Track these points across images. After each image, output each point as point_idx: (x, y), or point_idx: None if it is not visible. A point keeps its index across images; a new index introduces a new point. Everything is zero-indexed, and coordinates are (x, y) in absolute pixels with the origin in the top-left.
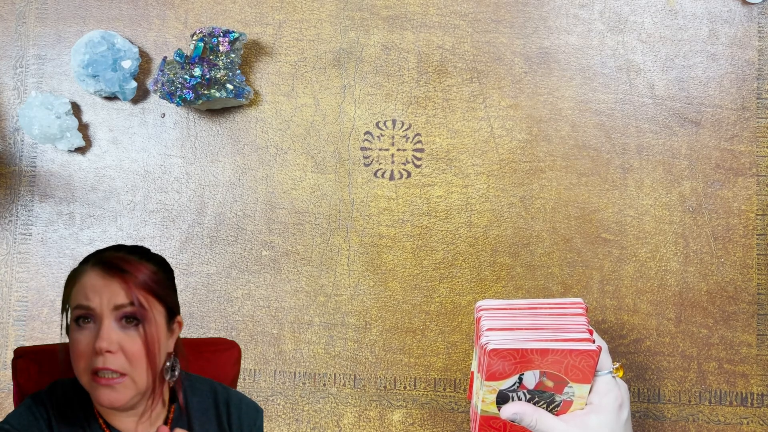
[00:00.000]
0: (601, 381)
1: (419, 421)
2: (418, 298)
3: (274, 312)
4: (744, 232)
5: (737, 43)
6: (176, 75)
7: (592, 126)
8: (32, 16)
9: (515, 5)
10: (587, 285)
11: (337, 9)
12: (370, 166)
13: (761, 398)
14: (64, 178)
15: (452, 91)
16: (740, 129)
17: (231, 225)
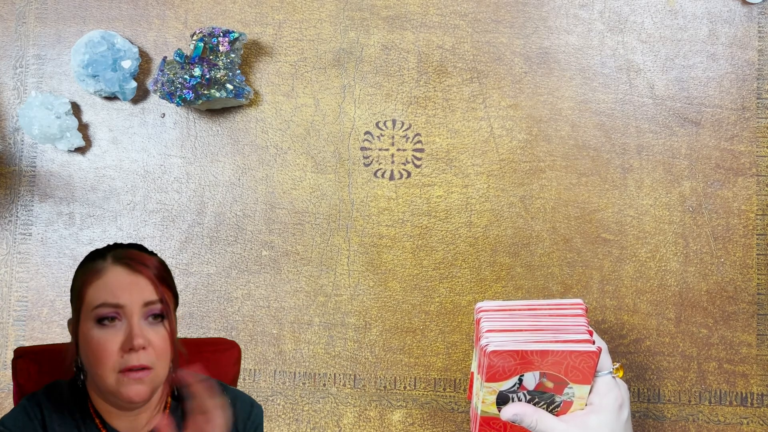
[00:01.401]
0: (601, 381)
1: (419, 421)
2: (418, 298)
3: (274, 312)
4: (744, 232)
5: (737, 43)
6: (176, 75)
7: (592, 126)
8: (32, 16)
9: (515, 5)
10: (587, 285)
11: (337, 9)
12: (370, 166)
13: (761, 398)
14: (64, 178)
15: (452, 91)
16: (740, 129)
17: (231, 225)
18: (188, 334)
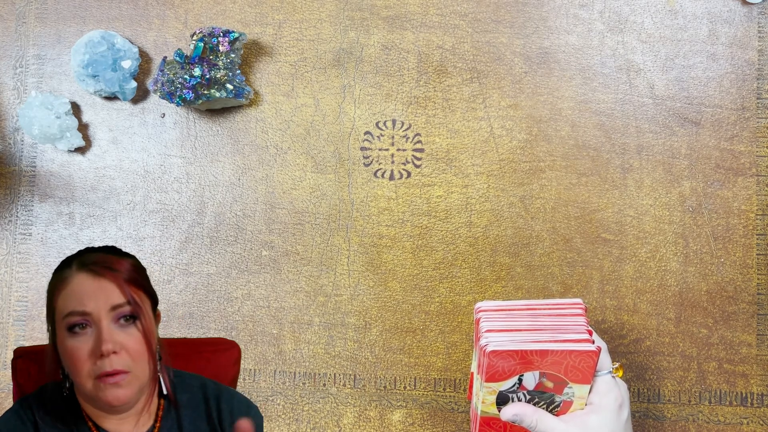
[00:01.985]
0: (601, 381)
1: (419, 421)
2: (418, 298)
3: (274, 312)
4: (744, 232)
5: (737, 43)
6: (176, 75)
7: (592, 126)
8: (32, 16)
9: (515, 5)
10: (587, 285)
11: (337, 9)
12: (370, 166)
13: (761, 398)
14: (64, 178)
15: (452, 91)
16: (740, 129)
17: (231, 225)
18: (188, 334)
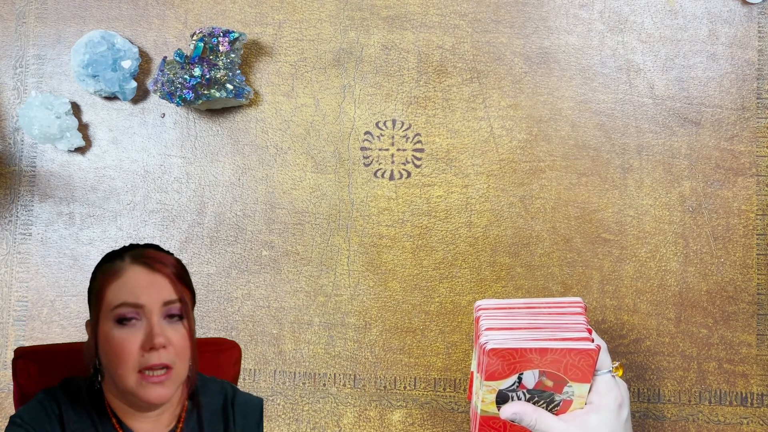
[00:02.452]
0: (601, 380)
1: (419, 421)
2: (418, 298)
3: (274, 312)
4: (744, 232)
5: (737, 43)
6: (176, 75)
7: (592, 126)
8: (32, 16)
9: (515, 5)
10: (587, 285)
11: (337, 9)
12: (370, 166)
13: (761, 398)
14: (64, 178)
15: (452, 91)
16: (740, 129)
17: (231, 225)
18: None
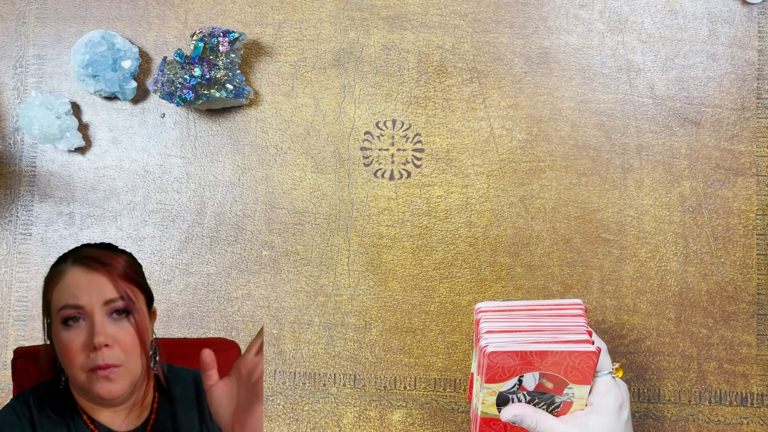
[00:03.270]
0: (601, 381)
1: (419, 421)
2: (418, 298)
3: (274, 312)
4: (744, 232)
5: (737, 43)
6: (176, 75)
7: (592, 126)
8: (32, 16)
9: (515, 5)
10: (587, 285)
11: (337, 9)
12: (370, 166)
13: (761, 398)
14: (64, 178)
15: (452, 91)
16: (740, 129)
17: (231, 225)
18: (188, 334)
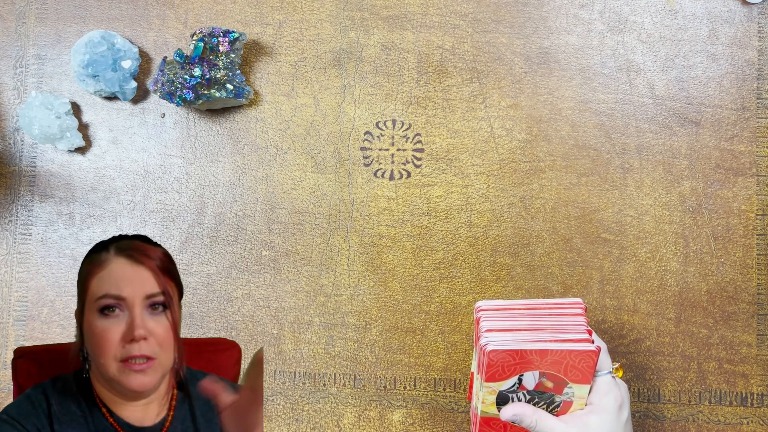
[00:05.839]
0: (601, 381)
1: (419, 421)
2: (418, 298)
3: (274, 312)
4: (744, 232)
5: (737, 43)
6: (176, 75)
7: (592, 126)
8: (32, 16)
9: (515, 5)
10: (587, 285)
11: (337, 9)
12: (370, 166)
13: (761, 398)
14: (64, 178)
15: (452, 91)
16: (740, 129)
17: (231, 225)
18: (188, 334)
